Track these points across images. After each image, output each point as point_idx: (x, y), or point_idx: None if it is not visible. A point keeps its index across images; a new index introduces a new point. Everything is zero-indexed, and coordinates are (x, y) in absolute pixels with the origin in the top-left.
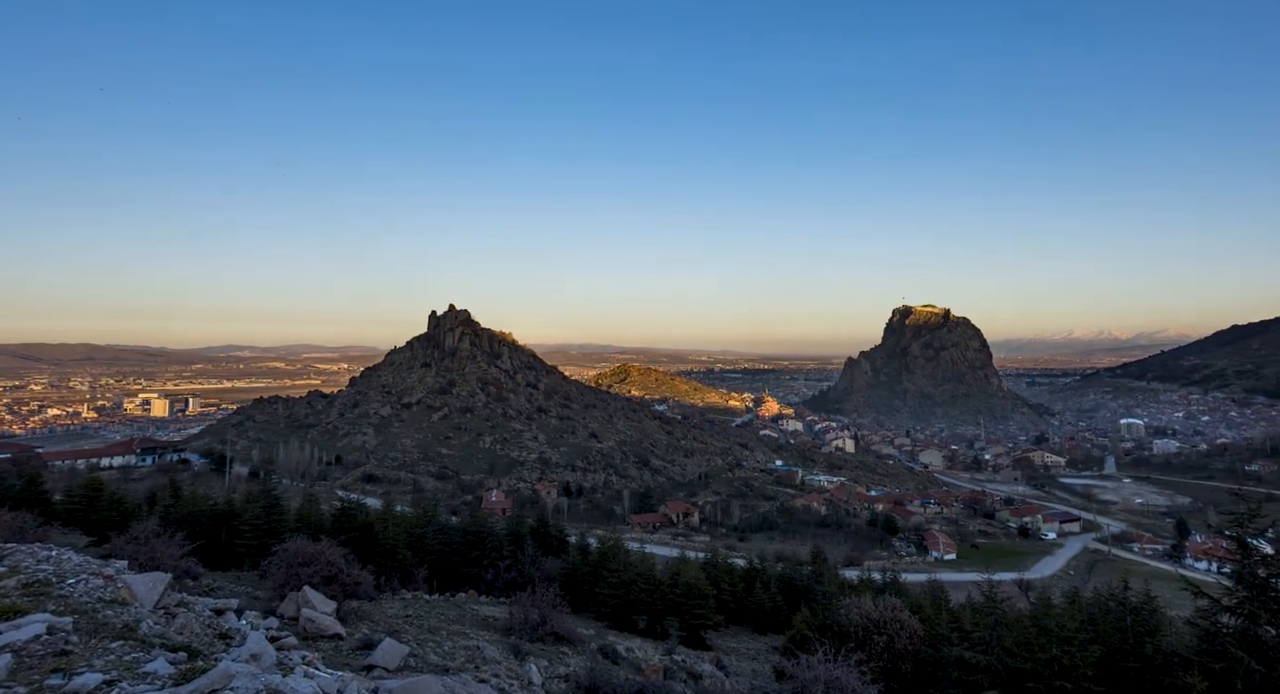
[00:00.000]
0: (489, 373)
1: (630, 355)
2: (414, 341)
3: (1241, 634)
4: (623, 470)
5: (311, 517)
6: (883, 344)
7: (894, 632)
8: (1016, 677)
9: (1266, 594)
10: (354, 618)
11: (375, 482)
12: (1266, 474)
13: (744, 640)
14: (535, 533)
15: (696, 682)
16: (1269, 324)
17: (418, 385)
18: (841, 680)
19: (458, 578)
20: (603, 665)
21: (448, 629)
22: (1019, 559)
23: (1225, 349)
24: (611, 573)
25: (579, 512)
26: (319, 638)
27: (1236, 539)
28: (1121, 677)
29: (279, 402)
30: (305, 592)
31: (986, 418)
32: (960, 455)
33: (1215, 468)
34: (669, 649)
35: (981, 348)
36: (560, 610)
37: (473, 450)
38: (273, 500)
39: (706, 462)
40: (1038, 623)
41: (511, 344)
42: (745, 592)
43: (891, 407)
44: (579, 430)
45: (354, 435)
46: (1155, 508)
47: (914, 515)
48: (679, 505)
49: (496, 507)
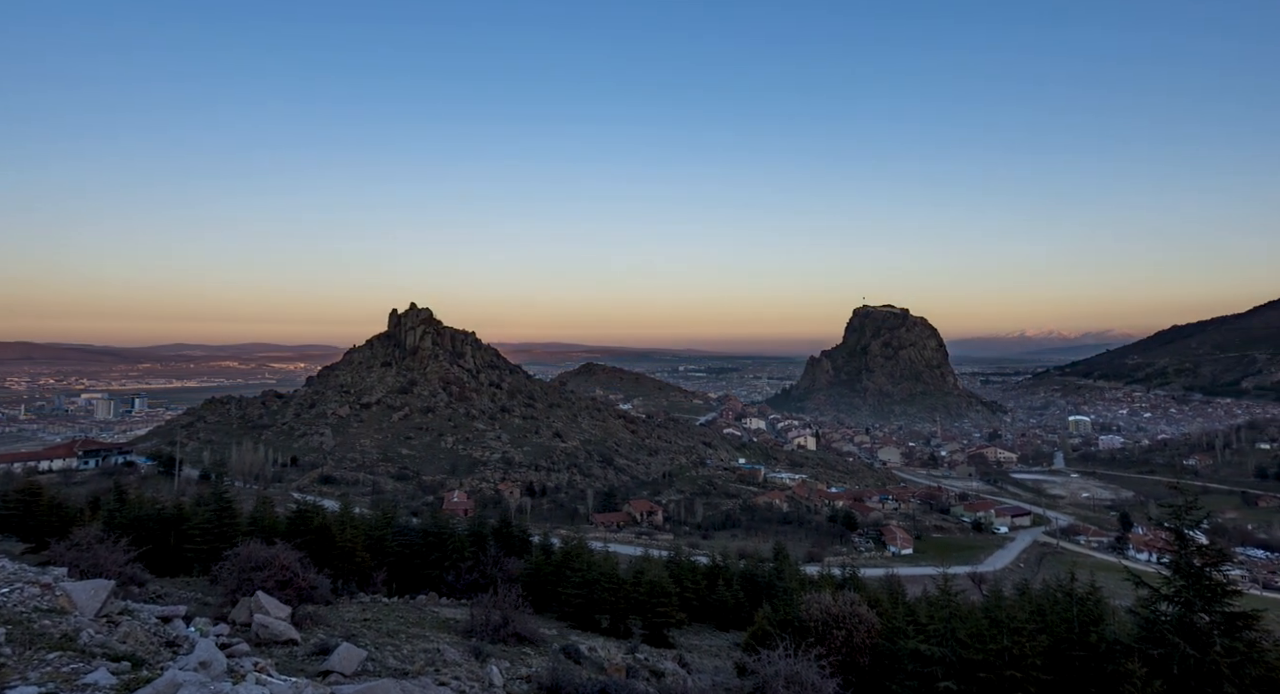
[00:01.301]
0: (451, 372)
1: (595, 354)
2: (374, 340)
3: (1178, 621)
4: (587, 470)
5: (266, 520)
6: (844, 343)
7: (852, 626)
8: (969, 667)
9: (1201, 583)
10: (309, 623)
11: (333, 483)
12: (1203, 468)
13: (707, 637)
14: (498, 533)
15: (659, 679)
16: (1205, 325)
17: (378, 385)
18: (801, 675)
19: (418, 580)
20: (565, 665)
21: (407, 632)
22: (973, 553)
23: (1166, 348)
24: (575, 573)
25: (543, 511)
26: (273, 644)
27: (1175, 530)
28: (1068, 665)
29: (232, 402)
30: (258, 596)
31: (943, 415)
32: (917, 452)
33: (1156, 462)
34: (632, 648)
35: (939, 347)
36: (522, 611)
37: (434, 451)
38: (224, 503)
39: (670, 460)
40: (990, 615)
41: (475, 343)
42: (708, 589)
43: (852, 405)
44: (543, 430)
45: (311, 436)
46: (1101, 502)
47: (873, 511)
48: (643, 504)
49: (458, 507)
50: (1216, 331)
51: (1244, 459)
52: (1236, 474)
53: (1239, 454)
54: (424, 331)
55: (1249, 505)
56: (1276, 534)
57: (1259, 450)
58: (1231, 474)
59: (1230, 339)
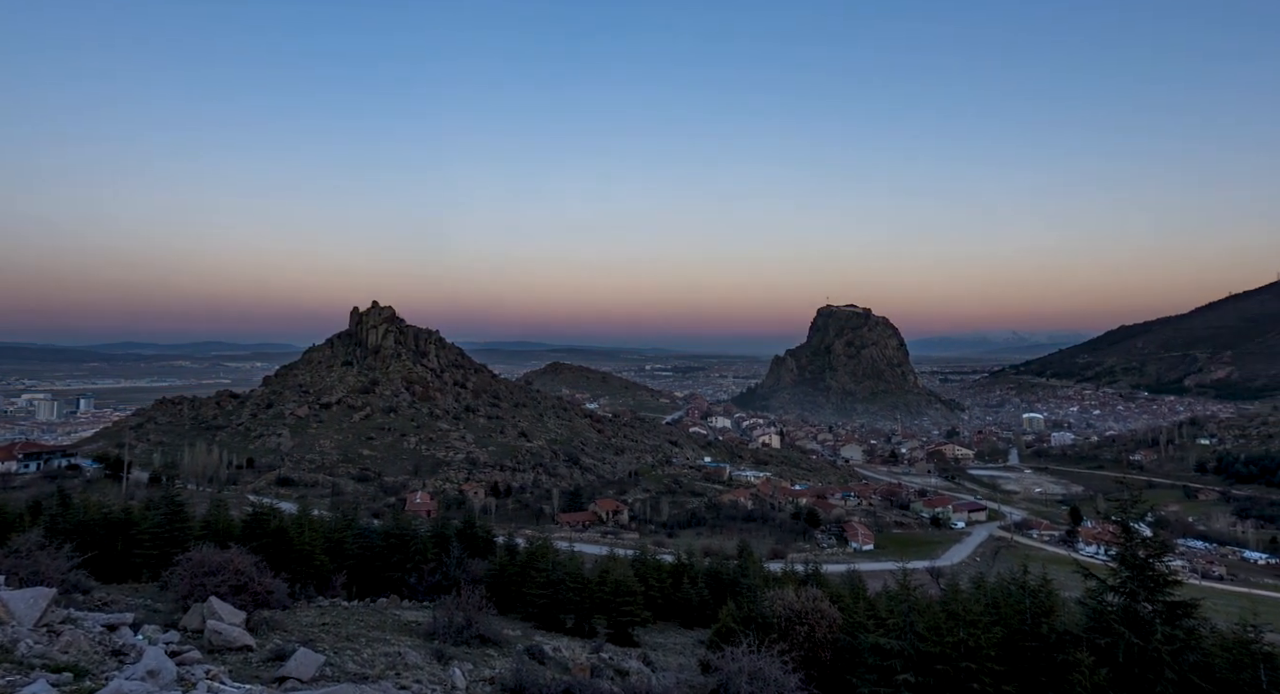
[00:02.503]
0: (414, 371)
1: (561, 353)
2: (334, 339)
3: (1124, 611)
4: (553, 469)
5: (219, 523)
6: (808, 342)
7: (815, 621)
8: (927, 660)
9: (1145, 573)
10: (265, 628)
11: (291, 485)
12: (1148, 463)
13: (671, 635)
14: (461, 534)
15: (624, 678)
16: (1151, 325)
17: (338, 384)
18: (764, 671)
19: (379, 583)
20: (529, 666)
21: (367, 636)
22: (931, 548)
23: (1114, 348)
24: (540, 573)
25: (507, 512)
26: (226, 651)
27: (1121, 524)
28: (1021, 655)
29: (184, 402)
30: (211, 602)
31: (903, 413)
32: (879, 449)
33: (1105, 458)
34: (596, 647)
35: (900, 346)
36: (486, 612)
37: (396, 451)
38: (176, 506)
39: (637, 459)
40: (947, 608)
41: (439, 342)
42: (673, 587)
43: (815, 403)
44: (508, 429)
45: (268, 437)
46: (1052, 497)
47: (835, 508)
48: (609, 503)
49: (421, 508)
50: (1161, 332)
51: (1186, 454)
52: (1179, 469)
53: (1181, 449)
54: (386, 330)
55: (1190, 498)
56: (1215, 526)
57: (1199, 446)
58: (1174, 469)
59: (1174, 339)
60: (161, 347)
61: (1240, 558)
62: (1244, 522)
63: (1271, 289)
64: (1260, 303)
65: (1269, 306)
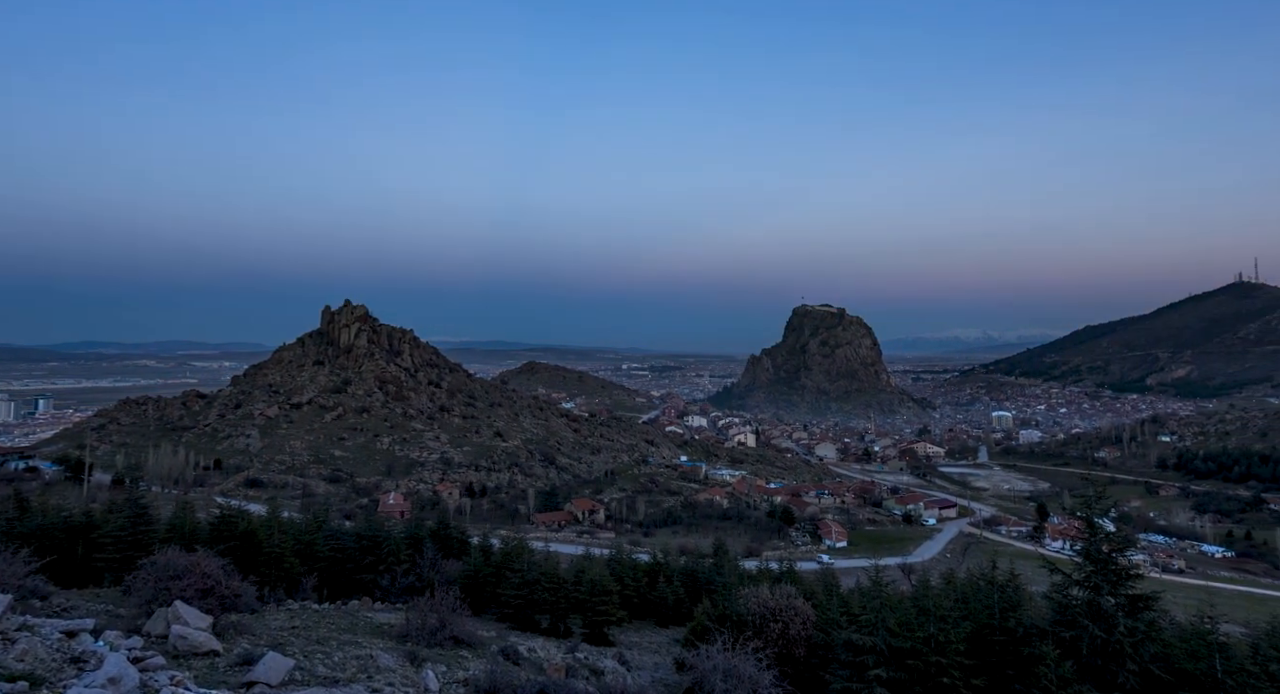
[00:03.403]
0: (388, 371)
1: (537, 353)
2: (305, 338)
3: (1088, 604)
4: (528, 469)
5: (186, 526)
6: (783, 342)
7: (789, 619)
8: (898, 655)
9: (1108, 568)
10: (233, 632)
11: (260, 487)
12: (1111, 460)
13: (647, 634)
14: (435, 535)
15: (599, 678)
16: (1116, 325)
17: (309, 384)
18: (739, 668)
19: (352, 585)
20: (504, 667)
21: (338, 639)
22: (903, 544)
23: (1080, 347)
24: (515, 573)
25: (482, 512)
26: (192, 656)
27: (1086, 519)
28: (989, 649)
29: (149, 402)
30: (176, 606)
31: (876, 412)
32: (852, 448)
33: (1070, 455)
34: (572, 647)
35: (873, 346)
36: (460, 613)
37: (369, 452)
38: (139, 509)
39: (613, 458)
40: (918, 604)
41: (413, 341)
42: (649, 586)
43: (791, 402)
44: (483, 429)
45: (236, 438)
46: (1020, 493)
47: (810, 506)
48: (585, 503)
49: (394, 509)
50: (1125, 332)
51: (1148, 451)
52: (1141, 465)
53: (1143, 446)
54: (359, 329)
55: (1151, 494)
56: (1175, 521)
57: (1161, 443)
58: (1137, 465)
59: (1137, 339)
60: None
61: (1199, 552)
62: (1202, 516)
63: (1229, 291)
64: (1218, 304)
65: (1226, 308)
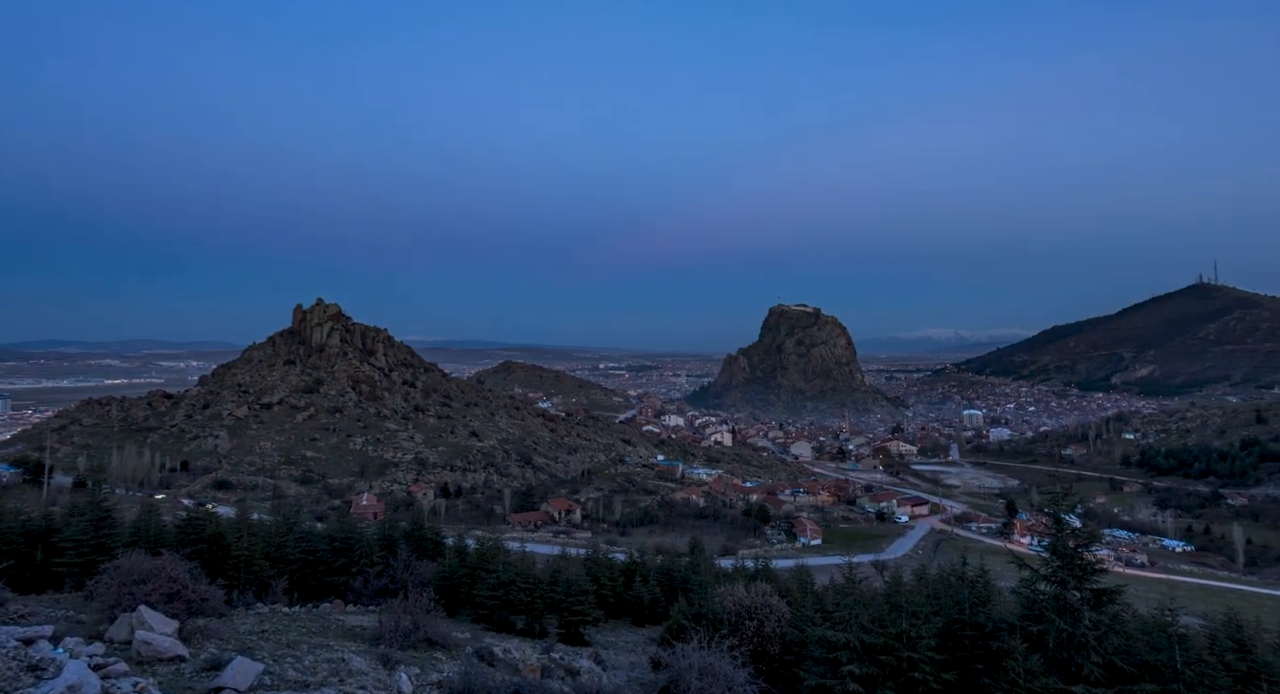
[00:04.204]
0: (361, 371)
1: (514, 352)
2: (276, 337)
3: (1054, 599)
4: (504, 469)
5: (151, 529)
6: (759, 341)
7: (764, 616)
8: (871, 650)
9: (1074, 563)
10: (199, 637)
11: (229, 488)
12: (1078, 457)
13: (623, 634)
14: (409, 536)
15: (574, 678)
16: (1083, 325)
17: (280, 384)
18: (714, 666)
19: (323, 588)
20: (478, 668)
21: (309, 642)
22: (876, 541)
23: (1049, 347)
24: (490, 574)
25: (458, 513)
26: (157, 662)
27: (1053, 515)
28: (959, 644)
29: (113, 402)
30: (140, 611)
31: (851, 411)
32: (827, 446)
33: (1039, 452)
34: (547, 648)
35: (848, 345)
36: (434, 615)
37: (342, 452)
38: (102, 512)
39: (590, 458)
40: (890, 600)
41: (387, 340)
42: (625, 586)
43: (767, 401)
44: (459, 429)
45: (204, 439)
46: (990, 490)
47: (785, 504)
48: (561, 502)
49: (367, 511)
50: (1091, 332)
51: (1112, 448)
52: (1106, 462)
53: (1108, 444)
54: (331, 328)
55: (1116, 490)
56: (1138, 516)
57: (1125, 440)
58: (1102, 462)
59: (1103, 339)
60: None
61: (1160, 546)
62: (1164, 512)
63: (1190, 292)
64: (1180, 305)
65: (1188, 308)
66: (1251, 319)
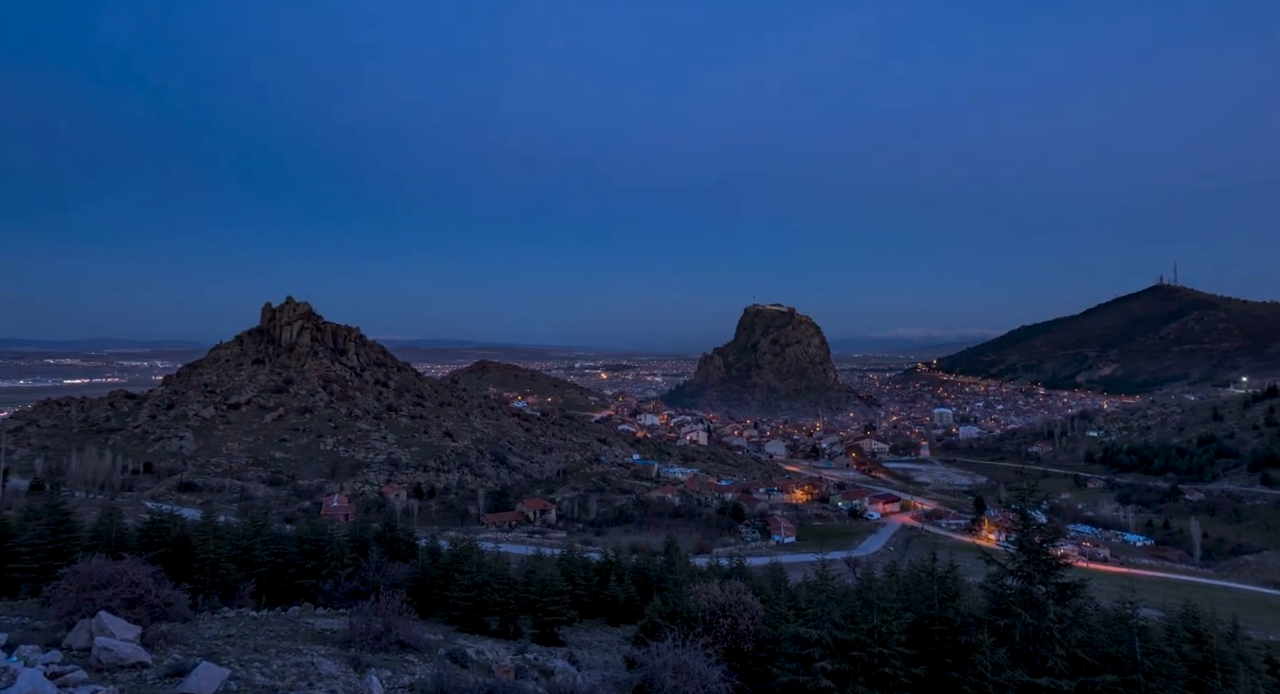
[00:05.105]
0: (332, 370)
1: (489, 352)
2: (244, 336)
3: (1021, 593)
4: (478, 469)
5: (112, 532)
6: (735, 341)
7: (738, 614)
8: (843, 646)
9: (1040, 558)
10: (163, 643)
11: (195, 491)
12: (1044, 454)
13: (598, 633)
14: (381, 538)
15: (548, 678)
16: (1049, 325)
17: (248, 384)
18: (688, 664)
19: (293, 591)
20: (451, 670)
21: (277, 646)
22: (849, 539)
23: (1016, 347)
24: (464, 575)
25: (431, 514)
26: (118, 669)
27: (1019, 511)
28: (929, 638)
29: (72, 403)
30: (100, 617)
31: (824, 409)
32: (801, 445)
33: (1006, 450)
34: (521, 648)
35: (821, 345)
36: (406, 617)
37: (312, 453)
38: (61, 516)
39: (565, 457)
40: (862, 596)
41: (359, 340)
42: (600, 585)
43: (742, 400)
44: (432, 429)
45: (168, 440)
46: (959, 487)
47: (759, 503)
48: (536, 502)
49: (338, 512)
50: (1057, 332)
51: (1077, 445)
52: (1071, 459)
53: (1073, 441)
54: (302, 327)
55: (1080, 486)
56: (1101, 512)
57: (1089, 437)
58: (1067, 459)
59: (1068, 338)
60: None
61: (1122, 541)
62: (1125, 507)
63: (1152, 293)
64: (1142, 305)
65: (1149, 309)
66: (1209, 320)
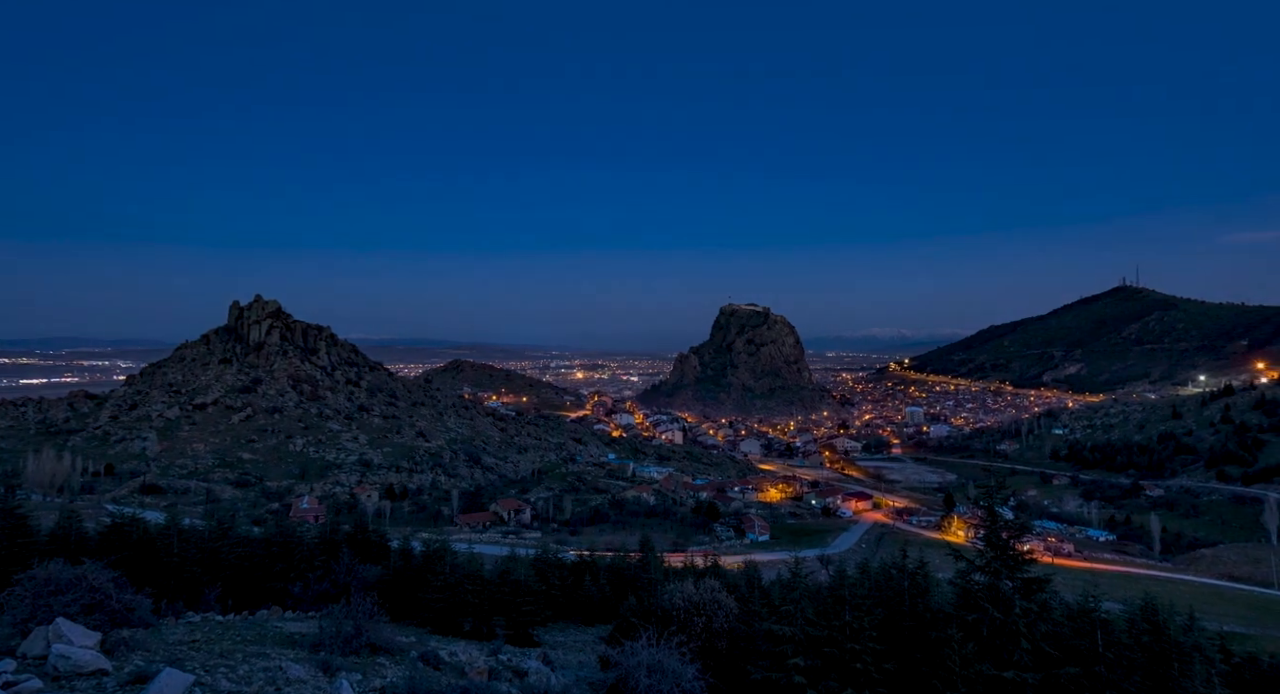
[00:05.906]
0: (302, 370)
1: (463, 351)
2: (210, 335)
3: (988, 588)
4: (452, 469)
5: (71, 536)
6: (710, 340)
7: (712, 612)
8: (816, 643)
9: (1006, 554)
10: (124, 649)
11: (158, 493)
12: (1011, 452)
13: (572, 633)
14: (352, 539)
15: (522, 679)
16: (1017, 325)
17: (214, 383)
18: (663, 663)
19: (261, 594)
20: (424, 673)
21: (244, 651)
22: (822, 536)
23: (986, 346)
24: (437, 576)
25: (404, 515)
26: (76, 677)
27: (987, 508)
28: (900, 634)
29: (29, 404)
30: (58, 624)
31: (799, 408)
32: (775, 443)
33: (975, 448)
34: (495, 649)
35: (796, 344)
36: (378, 619)
37: (281, 454)
38: (16, 520)
39: (540, 457)
40: (834, 593)
41: (330, 339)
42: (575, 585)
43: (717, 399)
44: (405, 429)
45: (131, 442)
46: (930, 485)
47: (734, 501)
48: (510, 503)
49: (308, 514)
50: (1025, 332)
51: (1043, 443)
52: (1037, 456)
53: (1039, 439)
54: (271, 326)
55: (1045, 483)
56: (1066, 508)
57: (1054, 435)
58: (1033, 457)
59: (1035, 338)
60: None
61: (1085, 536)
62: (1089, 503)
63: (1115, 294)
64: (1105, 306)
65: (1112, 309)
66: (1169, 320)
